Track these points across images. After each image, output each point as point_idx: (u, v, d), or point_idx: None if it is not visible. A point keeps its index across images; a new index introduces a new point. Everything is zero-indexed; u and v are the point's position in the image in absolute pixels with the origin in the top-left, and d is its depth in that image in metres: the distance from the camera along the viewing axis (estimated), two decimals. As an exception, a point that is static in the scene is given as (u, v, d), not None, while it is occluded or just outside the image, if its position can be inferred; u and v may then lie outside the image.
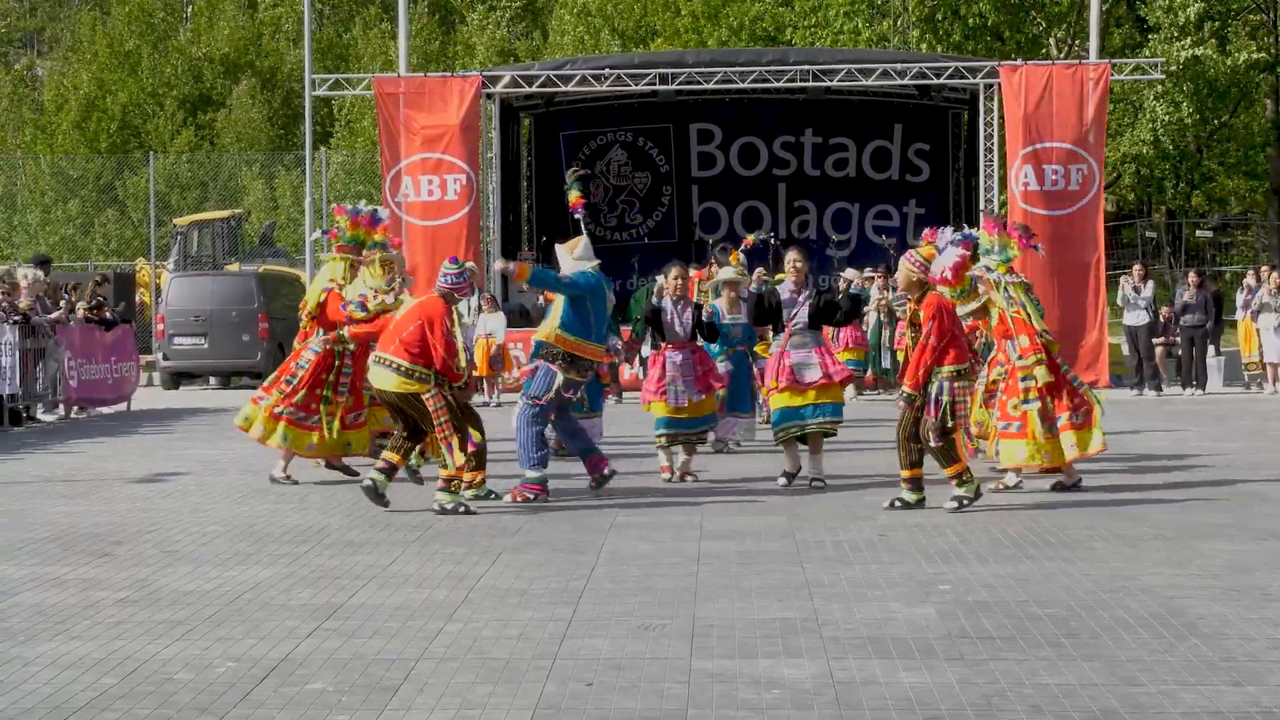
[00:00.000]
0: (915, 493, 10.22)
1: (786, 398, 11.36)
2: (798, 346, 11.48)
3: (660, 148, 29.84)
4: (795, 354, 11.44)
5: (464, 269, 10.57)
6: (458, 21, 52.88)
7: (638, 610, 6.99)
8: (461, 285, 10.46)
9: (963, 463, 10.27)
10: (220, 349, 25.11)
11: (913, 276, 10.46)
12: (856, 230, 29.30)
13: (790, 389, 11.33)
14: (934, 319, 10.11)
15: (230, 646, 6.36)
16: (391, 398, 10.29)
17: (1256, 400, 21.33)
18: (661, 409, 11.87)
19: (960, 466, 10.18)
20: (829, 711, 5.35)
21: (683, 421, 11.83)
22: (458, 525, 9.60)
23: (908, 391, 10.12)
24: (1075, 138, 23.44)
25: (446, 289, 10.41)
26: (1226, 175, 41.75)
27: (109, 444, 15.82)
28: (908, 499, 10.20)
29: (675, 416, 11.82)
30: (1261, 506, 10.29)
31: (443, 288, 10.42)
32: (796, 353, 11.45)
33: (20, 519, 10.20)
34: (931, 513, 10.00)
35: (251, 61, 50.84)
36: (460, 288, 10.46)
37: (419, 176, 23.90)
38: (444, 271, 10.49)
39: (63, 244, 42.18)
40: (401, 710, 5.42)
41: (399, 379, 10.16)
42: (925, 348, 10.08)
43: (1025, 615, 6.81)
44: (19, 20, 61.60)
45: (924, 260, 10.55)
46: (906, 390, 10.14)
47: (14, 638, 6.59)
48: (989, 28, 36.42)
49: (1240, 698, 5.46)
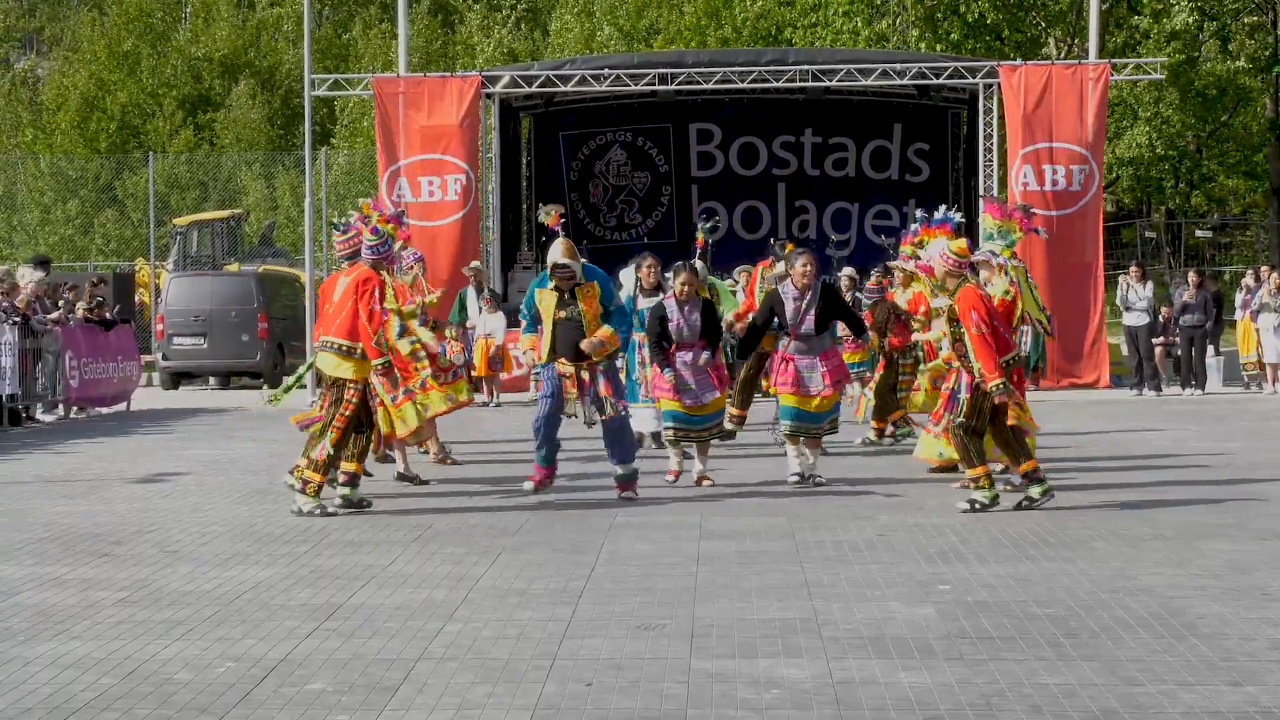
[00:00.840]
0: (1038, 485, 10.09)
1: (796, 400, 11.33)
2: (802, 353, 11.39)
3: (660, 147, 29.85)
4: (800, 360, 11.38)
5: (384, 237, 10.60)
6: (458, 22, 52.89)
7: (637, 610, 6.99)
8: (385, 253, 10.52)
9: (986, 467, 10.19)
10: (220, 349, 25.10)
11: (948, 269, 10.28)
12: (856, 230, 29.32)
13: (796, 394, 11.31)
14: (974, 309, 9.97)
15: (230, 646, 6.36)
16: (329, 380, 10.35)
17: (1256, 400, 21.33)
18: (672, 404, 11.60)
19: (984, 470, 10.12)
20: (828, 711, 5.35)
21: (693, 418, 11.53)
22: (458, 525, 9.60)
23: (999, 383, 9.84)
24: (1075, 138, 23.43)
25: (373, 260, 10.47)
26: (1226, 176, 41.79)
27: (109, 444, 15.82)
28: (1033, 495, 10.10)
29: (686, 412, 11.52)
30: (1261, 506, 10.29)
31: (369, 259, 10.47)
32: (801, 359, 11.38)
33: (20, 519, 10.20)
34: (931, 513, 10.00)
35: (250, 62, 50.85)
36: (384, 256, 10.53)
37: (419, 177, 23.90)
38: (367, 243, 10.55)
39: (62, 244, 42.18)
40: (401, 710, 5.42)
41: (336, 359, 10.20)
42: (982, 338, 9.89)
43: (1025, 615, 6.80)
44: (18, 20, 61.59)
45: (956, 255, 10.39)
46: (998, 383, 9.85)
47: (14, 638, 6.59)
48: (988, 26, 36.45)
49: (1240, 698, 5.46)
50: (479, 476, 12.28)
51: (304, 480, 10.13)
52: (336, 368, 10.21)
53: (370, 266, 10.40)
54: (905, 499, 10.73)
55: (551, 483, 11.10)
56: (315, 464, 10.12)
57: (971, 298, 10.09)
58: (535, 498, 10.86)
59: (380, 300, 10.30)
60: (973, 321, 9.96)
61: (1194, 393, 22.23)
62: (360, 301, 10.16)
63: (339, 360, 10.21)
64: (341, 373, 10.19)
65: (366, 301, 10.15)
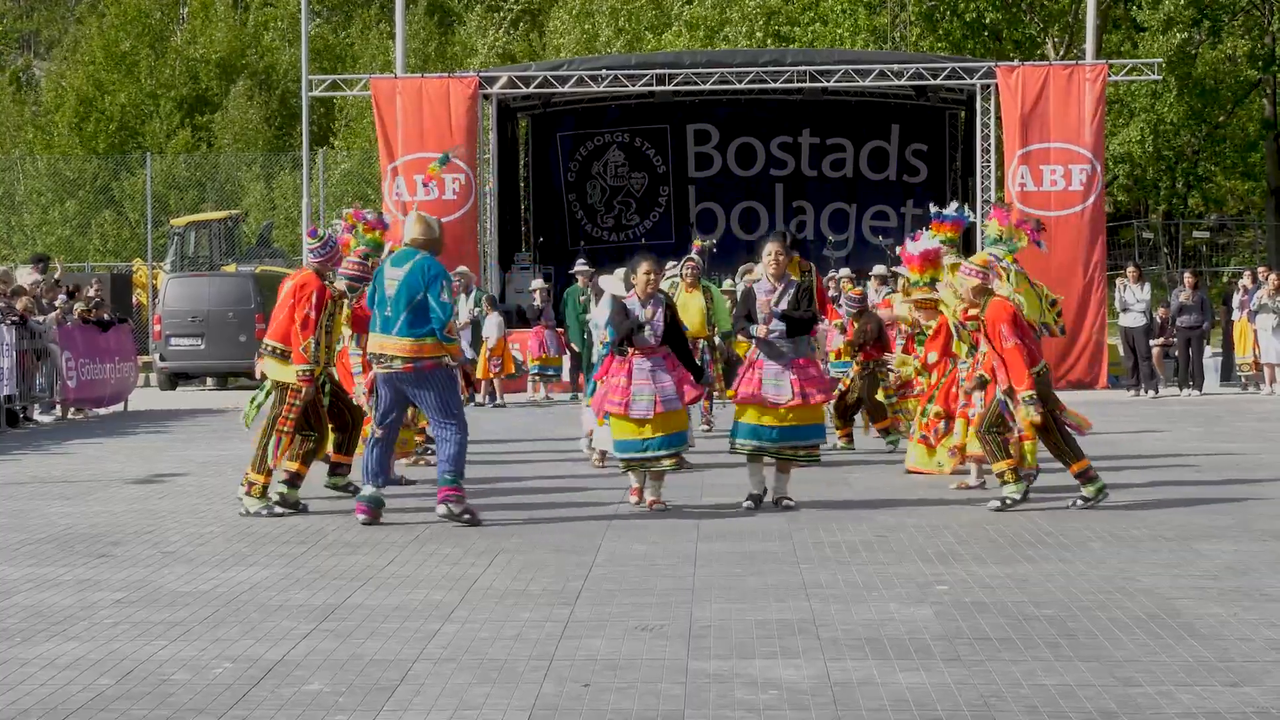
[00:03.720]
0: (1090, 484, 10.07)
1: (752, 413, 10.11)
2: (772, 357, 10.15)
3: (657, 148, 29.87)
4: (768, 366, 10.14)
5: (325, 239, 10.55)
6: (456, 23, 52.88)
7: (635, 611, 6.99)
8: (328, 255, 10.48)
9: (1013, 459, 10.18)
10: (217, 350, 25.09)
11: (973, 283, 10.34)
12: (854, 231, 29.36)
13: (756, 404, 10.09)
14: (1005, 323, 9.97)
15: (228, 647, 6.36)
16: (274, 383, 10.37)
17: (1254, 401, 21.34)
18: (622, 427, 10.06)
19: (1009, 464, 10.10)
20: (826, 712, 5.35)
21: (646, 442, 9.97)
22: (455, 526, 9.58)
23: (1029, 393, 9.79)
24: (1072, 139, 23.46)
25: (317, 264, 10.47)
26: (1224, 176, 41.81)
27: (106, 445, 15.81)
28: (1086, 494, 10.08)
29: (637, 437, 9.99)
30: (1260, 507, 10.29)
31: (313, 264, 10.48)
32: (769, 365, 10.13)
33: (18, 520, 10.19)
34: (930, 513, 9.99)
35: (247, 63, 50.83)
36: (328, 258, 10.48)
37: (415, 175, 23.94)
38: (309, 246, 10.55)
39: (60, 244, 42.15)
40: (398, 711, 5.42)
41: (277, 364, 10.22)
42: (1015, 350, 9.89)
43: (1023, 616, 6.80)
44: (15, 22, 61.57)
45: (980, 267, 10.42)
46: (1026, 393, 9.79)
47: (11, 638, 6.59)
48: (987, 26, 36.47)
49: (1237, 698, 5.46)
50: (478, 477, 12.26)
51: (249, 482, 10.17)
52: (277, 371, 10.25)
53: (314, 270, 10.41)
54: (904, 500, 10.71)
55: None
56: (257, 464, 10.17)
57: (1002, 313, 10.08)
58: (535, 498, 10.86)
59: (316, 308, 10.18)
60: (1002, 335, 9.96)
61: (1191, 393, 22.25)
62: (296, 306, 10.16)
63: (278, 364, 10.24)
64: (283, 376, 10.22)
65: (301, 306, 10.15)
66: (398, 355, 9.45)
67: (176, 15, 54.88)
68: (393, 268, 9.57)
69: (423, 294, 9.42)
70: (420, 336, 9.43)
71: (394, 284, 9.49)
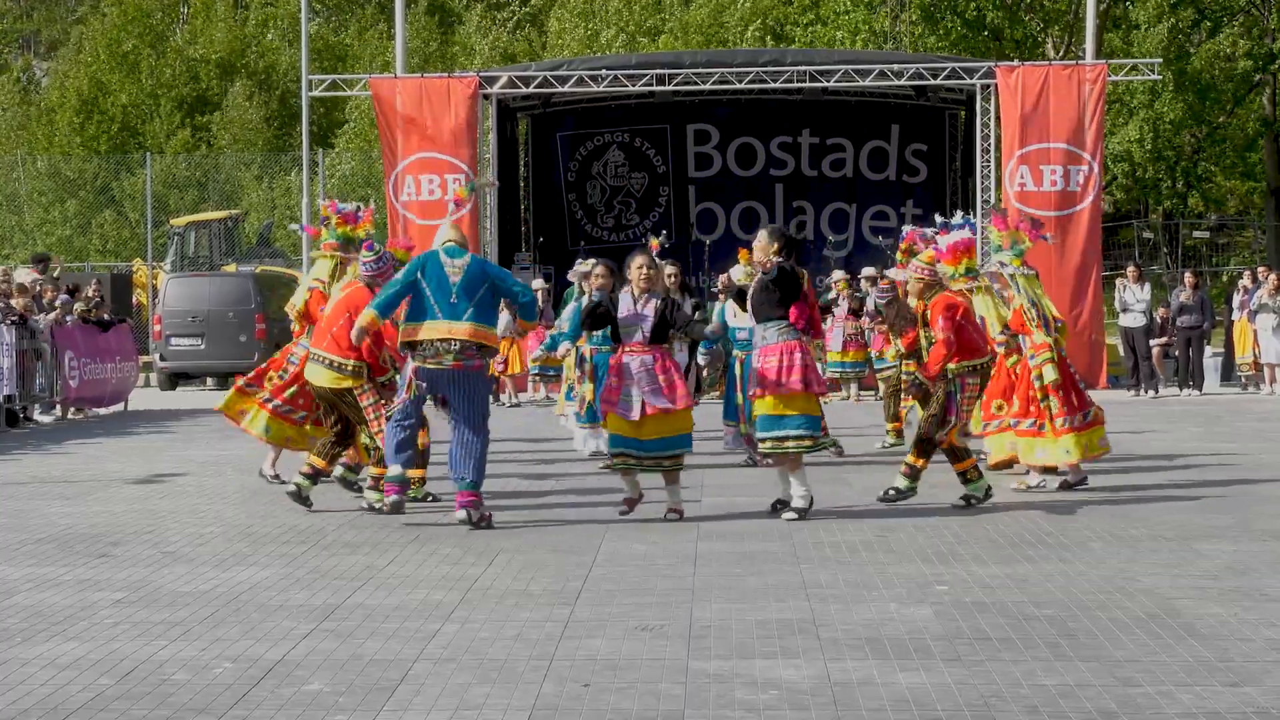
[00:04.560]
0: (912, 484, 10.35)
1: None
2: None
3: (657, 148, 29.86)
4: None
5: (380, 254, 10.47)
6: (456, 23, 52.87)
7: (635, 611, 6.99)
8: (382, 271, 10.37)
9: (972, 459, 10.37)
10: (217, 349, 25.10)
11: (920, 283, 10.74)
12: (854, 231, 29.35)
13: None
14: (942, 314, 10.28)
15: (228, 647, 6.36)
16: (325, 393, 10.32)
17: (1254, 401, 21.35)
18: (615, 424, 9.80)
19: (971, 461, 10.31)
20: (826, 712, 5.35)
21: (642, 442, 9.70)
22: (455, 526, 9.58)
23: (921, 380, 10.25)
24: (1072, 139, 23.46)
25: (369, 277, 10.39)
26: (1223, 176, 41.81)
27: (106, 445, 15.82)
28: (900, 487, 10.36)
29: (631, 436, 9.70)
30: (1260, 507, 10.29)
31: (365, 276, 10.41)
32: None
33: (18, 519, 10.19)
34: (930, 513, 10.00)
35: (247, 63, 50.82)
36: (381, 273, 10.36)
37: (419, 176, 23.98)
38: (362, 260, 10.48)
39: (60, 244, 42.15)
40: (398, 711, 5.42)
41: (331, 374, 10.19)
42: (942, 343, 10.23)
43: (1023, 616, 6.80)
44: (15, 22, 61.57)
45: (926, 265, 10.80)
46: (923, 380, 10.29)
47: (11, 638, 6.59)
48: (987, 25, 36.48)
49: (1237, 698, 5.46)
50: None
51: (372, 477, 10.16)
52: (333, 380, 10.19)
53: (366, 285, 10.36)
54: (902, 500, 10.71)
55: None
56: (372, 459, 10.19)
57: (942, 305, 10.40)
58: (535, 498, 10.86)
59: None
60: (939, 327, 10.28)
61: (1191, 393, 22.25)
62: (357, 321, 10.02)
63: (333, 375, 10.19)
64: (342, 384, 10.19)
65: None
66: (465, 340, 9.39)
67: (177, 15, 54.87)
68: (450, 258, 9.61)
69: (487, 285, 9.54)
70: (490, 325, 9.55)
71: (458, 274, 9.53)
